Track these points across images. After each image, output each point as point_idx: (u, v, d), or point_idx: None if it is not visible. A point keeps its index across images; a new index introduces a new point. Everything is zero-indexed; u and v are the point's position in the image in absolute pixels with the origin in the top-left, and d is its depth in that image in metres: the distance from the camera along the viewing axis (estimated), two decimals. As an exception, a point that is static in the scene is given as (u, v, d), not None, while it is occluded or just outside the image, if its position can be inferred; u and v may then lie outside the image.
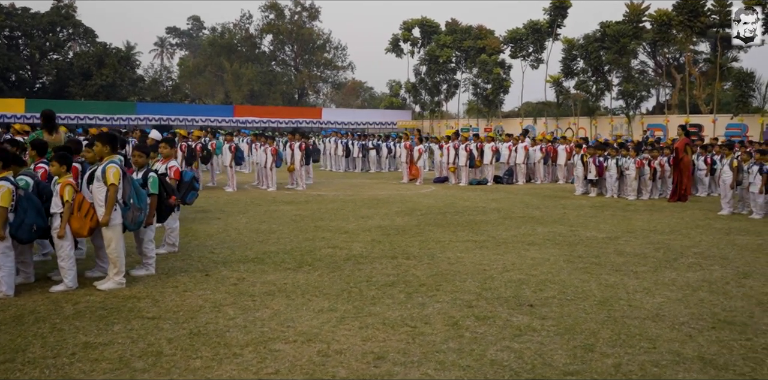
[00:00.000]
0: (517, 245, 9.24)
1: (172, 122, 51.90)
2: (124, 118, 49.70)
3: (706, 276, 7.43)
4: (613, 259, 8.29)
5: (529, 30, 47.75)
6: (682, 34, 38.46)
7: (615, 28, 41.68)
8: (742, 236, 10.32)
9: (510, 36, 49.35)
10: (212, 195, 15.65)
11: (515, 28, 49.20)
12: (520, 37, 48.38)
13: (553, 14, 46.42)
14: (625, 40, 41.09)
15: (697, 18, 37.78)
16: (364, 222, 11.32)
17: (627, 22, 41.94)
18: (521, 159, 20.04)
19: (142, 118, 50.02)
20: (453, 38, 53.66)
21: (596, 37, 43.22)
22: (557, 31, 46.67)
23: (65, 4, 59.05)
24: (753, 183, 12.51)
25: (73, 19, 59.36)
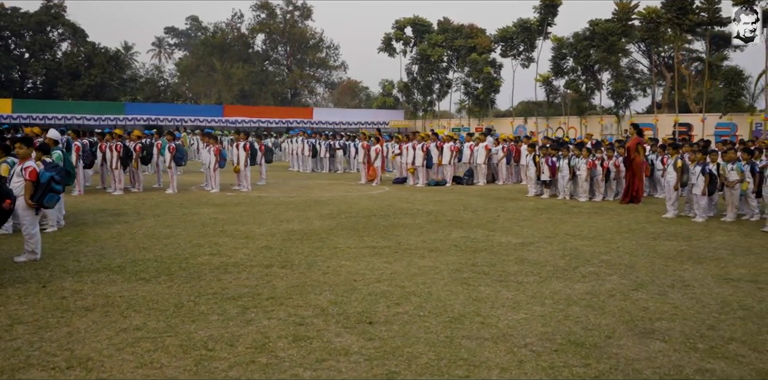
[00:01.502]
0: (416, 252, 8.59)
1: (161, 122, 51.42)
2: (112, 118, 49.23)
3: (595, 287, 6.76)
4: (507, 268, 7.63)
5: (519, 28, 47.02)
6: (671, 31, 37.57)
7: (604, 26, 40.95)
8: (668, 241, 9.63)
9: (500, 35, 48.64)
10: (147, 197, 15.08)
11: (505, 27, 48.52)
12: (511, 36, 47.69)
13: (544, 12, 45.66)
14: (614, 38, 40.33)
15: (685, 15, 37.00)
16: (276, 227, 10.70)
17: (616, 20, 41.16)
18: (482, 159, 19.37)
19: (131, 118, 49.57)
20: (444, 37, 52.99)
21: (585, 35, 42.47)
22: (548, 30, 45.94)
23: (55, 4, 58.70)
24: (695, 184, 11.81)
25: (63, 18, 58.99)
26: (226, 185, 17.25)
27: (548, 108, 48.18)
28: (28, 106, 48.26)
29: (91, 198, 14.76)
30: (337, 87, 75.34)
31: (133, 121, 49.62)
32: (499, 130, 47.30)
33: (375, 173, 19.21)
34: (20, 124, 42.57)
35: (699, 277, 7.28)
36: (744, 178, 11.62)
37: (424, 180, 18.97)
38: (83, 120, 48.33)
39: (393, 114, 59.96)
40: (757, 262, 8.13)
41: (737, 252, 8.84)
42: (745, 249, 9.03)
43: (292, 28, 64.46)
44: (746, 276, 7.38)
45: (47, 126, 42.04)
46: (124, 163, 15.68)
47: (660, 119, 40.31)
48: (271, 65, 67.41)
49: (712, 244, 9.43)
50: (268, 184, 19.08)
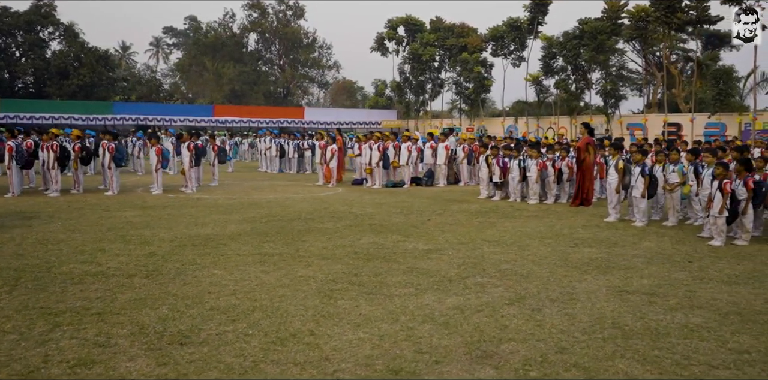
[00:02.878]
0: (306, 260, 8.01)
1: (150, 122, 51.03)
2: (100, 118, 48.82)
3: (469, 301, 6.16)
4: (390, 279, 7.02)
5: (509, 27, 46.37)
6: (660, 30, 36.83)
7: (593, 24, 40.30)
8: (589, 248, 9.01)
9: (491, 34, 48.01)
10: (80, 199, 14.58)
11: (496, 26, 47.86)
12: (501, 35, 47.06)
13: (534, 11, 44.99)
14: (603, 37, 39.65)
15: (674, 14, 36.25)
16: (184, 231, 10.13)
17: (605, 19, 40.46)
18: (442, 160, 18.75)
19: (119, 118, 49.17)
20: (436, 36, 52.38)
21: (575, 34, 41.78)
22: (538, 29, 45.26)
23: (45, 3, 58.36)
24: (635, 186, 11.17)
25: (53, 18, 58.66)
26: (176, 186, 16.72)
27: (539, 108, 47.51)
28: (15, 105, 47.87)
29: (21, 200, 14.27)
30: (331, 87, 74.83)
31: (122, 120, 49.21)
32: (491, 130, 46.74)
33: (330, 174, 18.60)
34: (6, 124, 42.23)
35: (593, 289, 6.66)
36: (686, 180, 10.97)
37: (381, 181, 18.36)
38: (71, 120, 47.94)
39: (385, 114, 59.37)
40: (667, 272, 7.50)
41: (655, 260, 8.20)
42: (666, 258, 8.39)
43: (285, 28, 63.93)
44: (645, 287, 6.75)
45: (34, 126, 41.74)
46: (61, 163, 15.14)
47: (649, 119, 39.62)
48: (265, 65, 66.89)
49: (635, 251, 8.80)
50: (222, 184, 18.54)
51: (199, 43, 64.89)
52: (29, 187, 16.87)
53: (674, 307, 6.03)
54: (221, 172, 23.13)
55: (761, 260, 8.35)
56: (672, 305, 6.10)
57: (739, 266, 7.95)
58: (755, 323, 5.57)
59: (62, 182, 15.89)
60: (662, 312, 5.85)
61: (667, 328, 5.39)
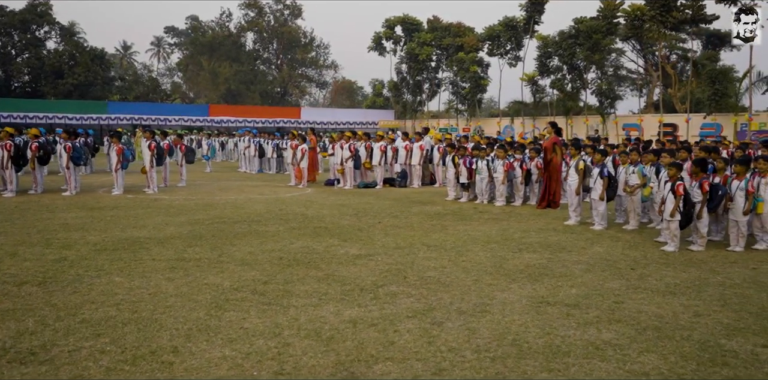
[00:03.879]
0: (222, 266, 7.54)
1: (145, 121, 50.76)
2: (95, 117, 48.61)
3: (369, 313, 5.68)
4: (299, 287, 6.54)
5: (505, 27, 45.80)
6: (655, 29, 36.20)
7: (588, 24, 39.74)
8: (532, 253, 8.49)
9: (487, 33, 47.48)
10: (32, 199, 14.19)
11: (492, 25, 47.32)
12: (497, 35, 46.50)
13: (530, 10, 44.38)
14: (598, 36, 39.06)
15: (669, 13, 35.63)
16: (117, 234, 9.68)
17: (601, 18, 39.85)
18: (416, 160, 18.23)
19: (113, 118, 48.91)
20: (433, 36, 51.86)
21: (570, 33, 41.20)
22: (535, 28, 44.69)
23: (41, 2, 58.14)
24: (594, 188, 10.64)
25: (49, 17, 58.43)
26: (141, 187, 16.31)
27: (535, 108, 46.91)
28: (9, 105, 47.64)
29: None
30: (330, 86, 74.41)
31: (116, 120, 48.92)
32: (487, 130, 46.17)
33: (301, 174, 18.13)
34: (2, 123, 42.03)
35: (512, 300, 6.16)
36: (647, 182, 10.43)
37: (352, 182, 17.88)
38: (65, 119, 47.71)
39: (383, 114, 58.91)
40: (602, 281, 6.99)
41: (596, 267, 7.69)
42: (609, 264, 7.87)
43: (282, 27, 63.57)
44: (570, 298, 6.24)
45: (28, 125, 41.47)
46: (15, 162, 14.72)
47: (645, 119, 39.02)
48: (263, 64, 66.54)
49: (579, 257, 8.28)
50: (191, 185, 18.09)
51: (196, 43, 64.62)
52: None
53: (590, 321, 5.52)
54: (198, 172, 22.77)
55: (710, 267, 7.82)
56: (589, 318, 5.60)
57: (684, 274, 7.42)
58: (671, 340, 5.05)
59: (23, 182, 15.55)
60: (574, 327, 5.34)
61: (570, 346, 4.89)
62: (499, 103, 52.08)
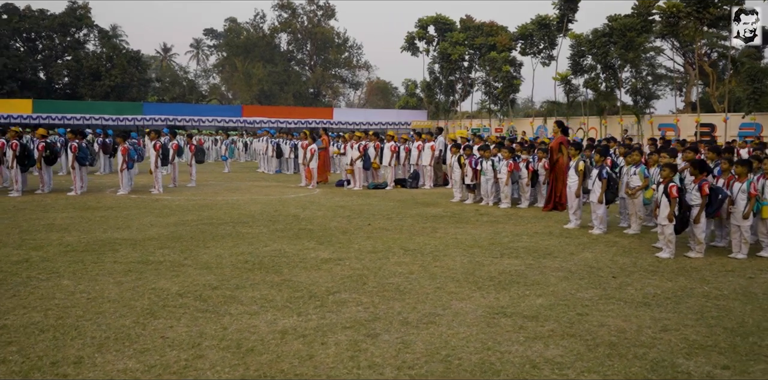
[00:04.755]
0: (180, 269, 7.28)
1: (179, 122, 51.37)
2: (130, 118, 49.33)
3: (307, 323, 5.33)
4: (244, 294, 6.22)
5: (538, 26, 44.98)
6: (691, 26, 35.01)
7: (622, 21, 38.68)
8: (513, 259, 8.02)
9: (520, 32, 46.71)
10: (35, 199, 14.20)
11: (524, 24, 46.53)
12: (530, 34, 45.70)
13: (563, 8, 43.45)
14: (632, 34, 37.96)
15: (706, 9, 34.41)
16: (97, 235, 9.52)
17: (635, 16, 38.74)
18: (426, 160, 17.79)
19: (149, 119, 49.54)
20: (466, 35, 51.25)
21: (604, 31, 40.16)
22: (568, 27, 43.73)
23: (79, 6, 59.30)
24: (593, 190, 10.09)
25: (87, 20, 59.56)
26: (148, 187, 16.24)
27: (568, 107, 45.94)
28: (48, 106, 48.67)
29: (-27, 199, 13.93)
30: (364, 87, 74.25)
31: (151, 121, 49.54)
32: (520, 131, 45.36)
33: (310, 175, 17.86)
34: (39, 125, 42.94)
35: (467, 310, 5.74)
36: (649, 183, 9.84)
37: (361, 182, 17.54)
38: (101, 120, 48.52)
39: (415, 114, 58.51)
40: (575, 290, 6.50)
41: (575, 275, 7.19)
42: (591, 272, 7.36)
43: (315, 28, 63.61)
44: (532, 308, 5.79)
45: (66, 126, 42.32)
46: (20, 162, 14.77)
47: (681, 119, 37.77)
48: (296, 65, 66.69)
49: (563, 264, 7.78)
50: (201, 185, 17.98)
51: (231, 44, 65.13)
52: (3, 186, 16.53)
53: (541, 335, 5.06)
54: (216, 172, 22.73)
55: (701, 276, 7.24)
56: (542, 332, 5.14)
57: (669, 283, 6.87)
58: (622, 358, 4.57)
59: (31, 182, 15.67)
60: (520, 342, 4.89)
61: (505, 364, 4.45)
62: (532, 102, 51.10)
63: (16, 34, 57.03)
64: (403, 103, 61.03)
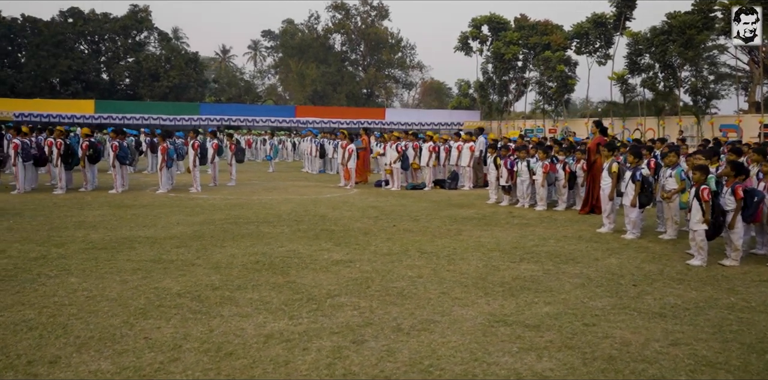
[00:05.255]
0: (188, 269, 7.26)
1: (233, 123, 52.23)
2: (187, 118, 50.40)
3: (287, 327, 5.18)
4: (243, 295, 6.13)
5: (593, 24, 43.91)
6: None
7: (682, 18, 37.36)
8: (530, 264, 7.70)
9: (575, 31, 45.68)
10: (78, 196, 14.51)
11: (579, 23, 45.50)
12: (586, 32, 44.65)
13: (620, 6, 42.28)
14: (692, 31, 36.61)
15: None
16: (123, 233, 9.64)
17: (696, 13, 37.36)
18: (465, 161, 17.47)
19: (204, 119, 50.49)
20: (520, 35, 50.48)
21: (663, 29, 38.87)
22: (626, 25, 42.52)
23: (140, 9, 60.90)
24: (625, 193, 9.65)
25: (148, 22, 61.11)
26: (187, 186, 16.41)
27: (625, 108, 44.68)
28: (109, 106, 50.20)
29: (14, 196, 14.33)
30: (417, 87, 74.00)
31: (207, 121, 50.46)
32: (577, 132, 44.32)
33: (348, 175, 17.77)
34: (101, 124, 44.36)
35: (467, 317, 5.50)
36: (686, 186, 9.34)
37: (399, 183, 17.35)
38: (159, 120, 49.72)
39: (468, 114, 57.99)
40: (589, 298, 6.17)
41: (594, 282, 6.83)
42: (611, 279, 6.99)
43: (369, 29, 63.72)
44: (536, 317, 5.51)
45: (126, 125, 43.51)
46: (64, 160, 15.14)
47: (744, 120, 36.21)
48: (350, 66, 66.96)
49: (584, 270, 7.42)
50: (240, 184, 18.12)
51: (286, 46, 65.84)
52: (50, 183, 16.99)
53: (538, 346, 4.77)
54: (261, 171, 22.91)
55: (731, 286, 6.78)
56: (539, 343, 4.85)
57: (693, 293, 6.45)
58: (617, 373, 4.27)
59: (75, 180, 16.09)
60: (512, 353, 4.63)
61: (489, 376, 4.22)
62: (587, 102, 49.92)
63: (81, 36, 58.94)
64: (456, 103, 60.53)
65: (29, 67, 54.20)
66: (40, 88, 53.65)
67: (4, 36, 55.68)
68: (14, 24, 55.62)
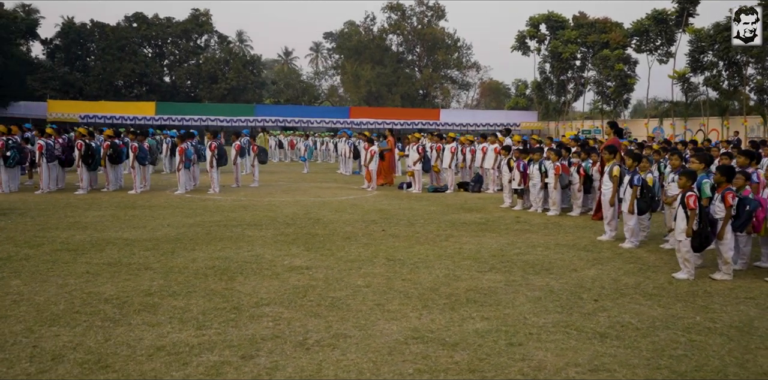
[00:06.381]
0: (138, 273, 7.11)
1: (288, 123, 52.81)
2: (243, 119, 51.24)
3: (182, 339, 4.90)
4: (167, 303, 5.91)
5: (654, 21, 42.29)
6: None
7: (748, 13, 35.39)
8: (497, 274, 7.21)
9: (635, 28, 44.12)
10: (95, 197, 14.73)
11: (639, 19, 43.92)
12: (646, 29, 43.05)
13: (683, 2, 40.56)
14: (757, 26, 34.63)
15: None
16: (108, 234, 9.64)
17: (763, 6, 35.38)
18: (489, 163, 16.90)
19: (260, 120, 51.21)
20: (578, 33, 49.14)
21: (727, 25, 37.01)
22: (688, 21, 40.75)
23: (201, 13, 62.27)
24: (623, 198, 9.02)
25: (208, 26, 62.43)
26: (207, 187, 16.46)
27: (687, 108, 42.81)
28: (169, 108, 51.53)
29: (35, 196, 14.64)
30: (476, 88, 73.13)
31: (263, 122, 51.16)
32: (635, 133, 42.81)
33: (370, 176, 17.49)
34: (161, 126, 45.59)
35: (387, 332, 5.13)
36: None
37: (420, 185, 16.95)
38: (216, 121, 50.72)
39: (525, 115, 56.94)
40: (533, 314, 5.69)
41: (554, 296, 6.33)
42: (574, 293, 6.45)
43: (425, 29, 63.34)
44: (461, 334, 5.08)
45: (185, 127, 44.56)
46: (85, 161, 15.40)
47: (807, 120, 34.19)
48: (407, 67, 66.71)
49: (555, 282, 6.90)
50: (264, 185, 18.11)
51: (342, 47, 66.15)
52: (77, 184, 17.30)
53: (438, 368, 4.37)
54: (296, 172, 22.91)
55: (705, 303, 6.15)
56: (442, 365, 4.44)
57: (658, 311, 5.88)
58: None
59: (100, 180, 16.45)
60: (405, 375, 4.24)
61: (358, 401, 3.82)
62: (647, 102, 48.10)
63: (145, 40, 60.67)
64: (512, 104, 59.48)
65: (96, 70, 56.16)
66: (106, 91, 55.53)
67: (75, 41, 57.90)
68: (83, 29, 57.75)
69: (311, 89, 70.38)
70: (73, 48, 57.83)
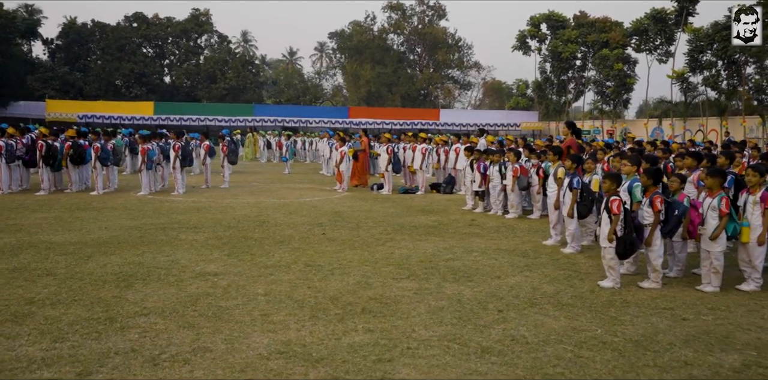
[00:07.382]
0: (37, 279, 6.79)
1: (287, 124, 52.55)
2: (241, 119, 51.01)
3: (34, 353, 4.59)
4: (43, 312, 5.60)
5: (653, 20, 41.74)
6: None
7: (746, 12, 34.83)
8: (409, 282, 6.87)
9: (634, 27, 43.60)
10: (52, 198, 14.46)
11: (638, 18, 43.39)
12: (645, 29, 42.52)
13: (682, 0, 39.99)
14: (756, 25, 34.06)
15: None
16: (37, 237, 9.38)
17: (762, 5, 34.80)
18: (461, 164, 16.52)
19: (258, 120, 50.98)
20: (578, 32, 48.63)
21: (726, 24, 36.50)
22: (688, 20, 40.18)
23: (201, 13, 62.11)
24: (563, 202, 8.65)
25: (207, 26, 62.22)
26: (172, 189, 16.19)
27: (686, 108, 42.24)
28: (167, 108, 51.37)
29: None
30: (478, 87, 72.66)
31: (261, 122, 50.91)
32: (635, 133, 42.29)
33: (341, 177, 17.17)
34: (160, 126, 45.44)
35: (256, 346, 4.82)
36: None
37: (390, 186, 16.62)
38: (215, 121, 50.49)
39: (526, 115, 56.43)
40: (422, 326, 5.36)
41: (455, 307, 5.98)
42: (483, 303, 6.10)
43: (426, 28, 62.92)
44: (330, 350, 4.74)
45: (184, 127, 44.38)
46: (46, 162, 15.17)
47: (803, 120, 33.59)
48: (408, 66, 66.32)
49: (468, 291, 6.55)
50: (234, 186, 17.81)
51: (342, 47, 65.84)
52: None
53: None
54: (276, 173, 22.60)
55: (615, 315, 5.79)
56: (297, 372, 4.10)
57: (562, 322, 5.52)
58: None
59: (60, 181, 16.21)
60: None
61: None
62: (646, 102, 47.49)
63: (145, 40, 60.58)
64: (513, 103, 58.98)
65: (95, 70, 56.12)
66: (105, 91, 55.47)
67: (75, 41, 57.91)
68: (84, 29, 57.75)
69: (314, 89, 70.11)
70: (73, 48, 57.83)
